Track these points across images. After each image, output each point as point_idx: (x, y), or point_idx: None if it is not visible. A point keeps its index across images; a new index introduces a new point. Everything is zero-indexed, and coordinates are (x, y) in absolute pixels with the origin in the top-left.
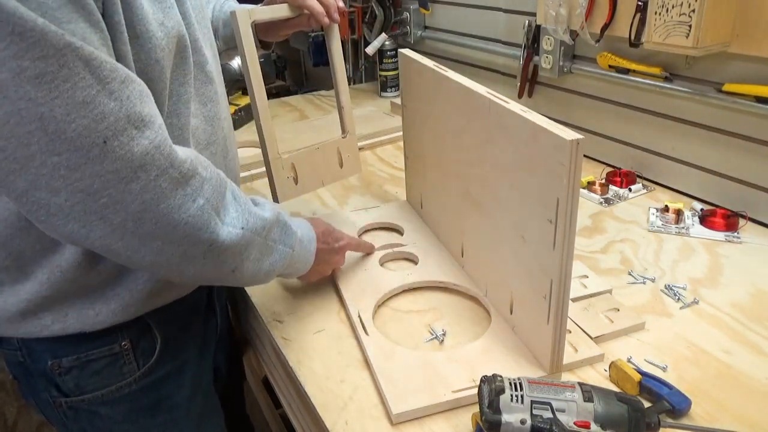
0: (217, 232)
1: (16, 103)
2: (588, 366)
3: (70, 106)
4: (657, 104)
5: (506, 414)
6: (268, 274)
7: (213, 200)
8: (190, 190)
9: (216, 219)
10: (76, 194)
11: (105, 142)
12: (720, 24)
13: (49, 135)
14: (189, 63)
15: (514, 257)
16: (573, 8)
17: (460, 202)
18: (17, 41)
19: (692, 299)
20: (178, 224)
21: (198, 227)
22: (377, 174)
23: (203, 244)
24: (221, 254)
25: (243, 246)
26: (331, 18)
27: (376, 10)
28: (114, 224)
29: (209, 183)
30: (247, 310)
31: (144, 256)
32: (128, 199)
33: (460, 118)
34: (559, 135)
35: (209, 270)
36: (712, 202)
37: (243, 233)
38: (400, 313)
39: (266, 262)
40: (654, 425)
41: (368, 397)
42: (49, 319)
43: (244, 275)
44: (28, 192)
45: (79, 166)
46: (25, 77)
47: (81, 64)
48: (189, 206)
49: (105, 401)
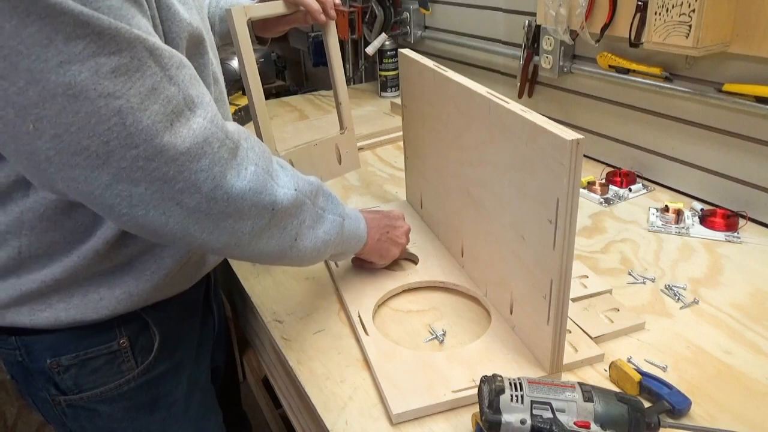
0: (275, 193)
1: (96, 101)
2: (588, 366)
3: (143, 95)
4: (657, 104)
5: (506, 414)
6: (326, 244)
7: (262, 164)
8: (240, 159)
9: (271, 181)
10: (154, 183)
11: (172, 125)
12: (720, 24)
13: (127, 128)
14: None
15: (514, 257)
16: (573, 8)
17: (460, 202)
18: (96, 39)
19: (692, 299)
20: (244, 193)
21: (258, 191)
22: (377, 174)
23: (266, 209)
24: (283, 218)
25: (298, 207)
26: (328, 15)
27: (376, 10)
28: (190, 208)
29: (253, 151)
30: (247, 310)
31: (218, 237)
32: (201, 178)
33: (460, 118)
34: (559, 135)
35: (276, 240)
36: (712, 202)
37: (297, 194)
38: (400, 313)
39: (320, 230)
40: (654, 425)
41: (368, 397)
42: (54, 298)
43: (306, 243)
44: (110, 186)
45: (155, 155)
46: (103, 73)
47: (147, 53)
48: (245, 174)
49: (104, 399)
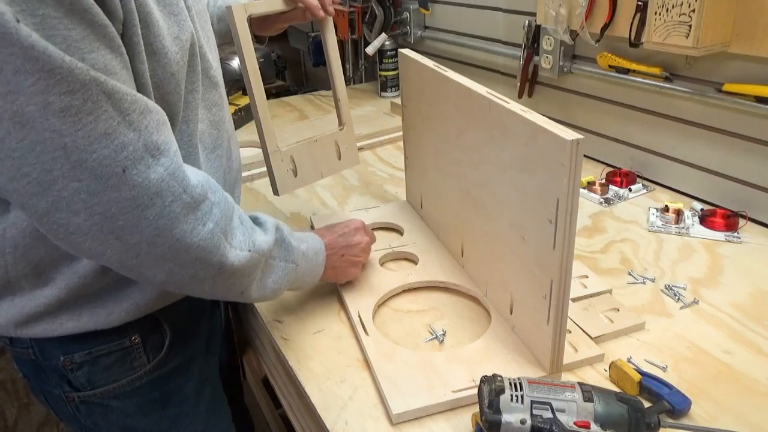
0: (227, 255)
1: (42, 134)
2: (588, 366)
3: (92, 138)
4: (657, 104)
5: (506, 414)
6: (274, 292)
7: (222, 224)
8: (200, 215)
9: (225, 242)
10: (94, 216)
11: (124, 171)
12: (720, 24)
13: (71, 163)
14: (197, 71)
15: (514, 257)
16: (573, 8)
17: (460, 202)
18: (45, 77)
19: (692, 299)
20: (189, 248)
21: (208, 250)
22: (377, 174)
23: (213, 266)
24: (231, 276)
25: (250, 268)
26: (326, 11)
27: (376, 10)
28: (129, 244)
29: (218, 207)
30: (247, 310)
31: (156, 275)
32: (143, 224)
33: (460, 118)
34: (559, 135)
35: (218, 290)
36: (712, 202)
37: (250, 255)
38: (400, 313)
39: (269, 280)
40: (654, 425)
41: (368, 397)
42: (64, 318)
43: (252, 295)
44: (49, 212)
45: (98, 193)
46: (51, 111)
47: (104, 97)
48: (200, 230)
49: (116, 395)
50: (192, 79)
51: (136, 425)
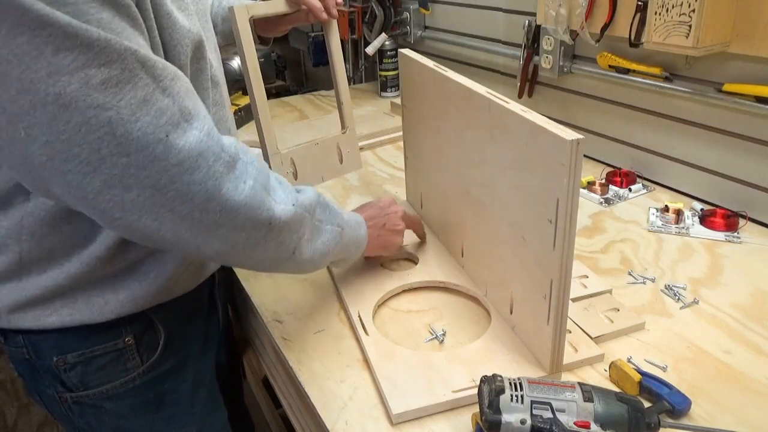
0: (273, 209)
1: (86, 112)
2: (588, 366)
3: (134, 106)
4: (657, 104)
5: (506, 414)
6: (324, 256)
7: (260, 180)
8: (238, 173)
9: (268, 197)
10: (146, 189)
11: (167, 136)
12: (720, 24)
13: (118, 138)
14: (202, 67)
15: (514, 257)
16: (573, 8)
17: (460, 202)
18: (85, 51)
19: (692, 299)
20: (239, 206)
21: (255, 206)
22: (377, 174)
23: (263, 224)
24: (280, 233)
25: (297, 223)
26: (330, 14)
27: (376, 10)
28: (182, 215)
29: (252, 165)
30: (247, 310)
31: (212, 245)
32: (193, 189)
33: (460, 118)
34: (559, 135)
35: (272, 253)
36: (712, 202)
37: (295, 210)
38: (400, 313)
39: (318, 241)
40: (654, 425)
41: (368, 397)
42: (58, 304)
43: (304, 256)
44: (102, 192)
45: (147, 164)
46: (92, 85)
47: (139, 65)
48: (243, 188)
49: (110, 396)
50: (200, 78)
51: (129, 427)
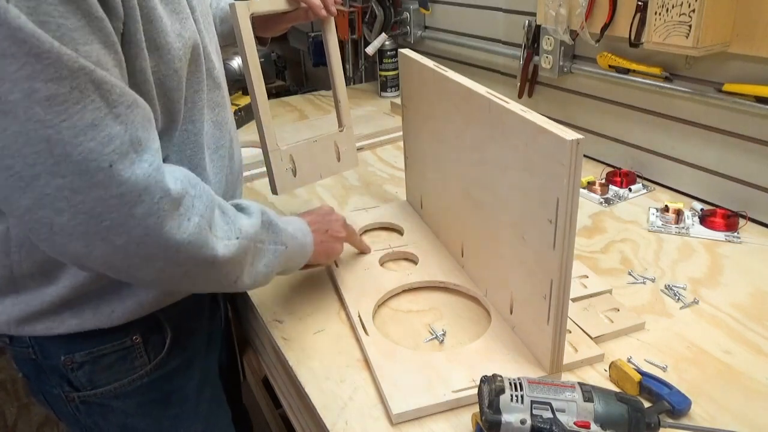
0: (215, 247)
1: (25, 124)
2: (588, 366)
3: (78, 129)
4: (657, 104)
5: (506, 414)
6: (266, 276)
7: (206, 216)
8: (183, 210)
9: (211, 235)
10: (78, 216)
11: (110, 165)
12: (720, 24)
13: (55, 157)
14: (202, 71)
15: (514, 257)
16: (573, 8)
17: (460, 202)
18: (32, 62)
19: (692, 299)
20: (180, 245)
21: (198, 245)
22: (377, 174)
23: (205, 261)
24: (222, 268)
25: (241, 255)
26: (329, 11)
27: (376, 10)
28: (116, 245)
29: (199, 200)
30: (247, 310)
31: (146, 275)
32: (131, 223)
33: (460, 118)
34: (559, 135)
35: (211, 284)
36: (712, 202)
37: (239, 242)
38: (400, 313)
39: (261, 264)
40: (654, 425)
41: (368, 397)
42: (67, 315)
43: (245, 282)
44: (31, 210)
45: (83, 190)
46: (36, 99)
47: (92, 86)
48: (186, 226)
49: (117, 395)
50: (197, 78)
51: (136, 425)
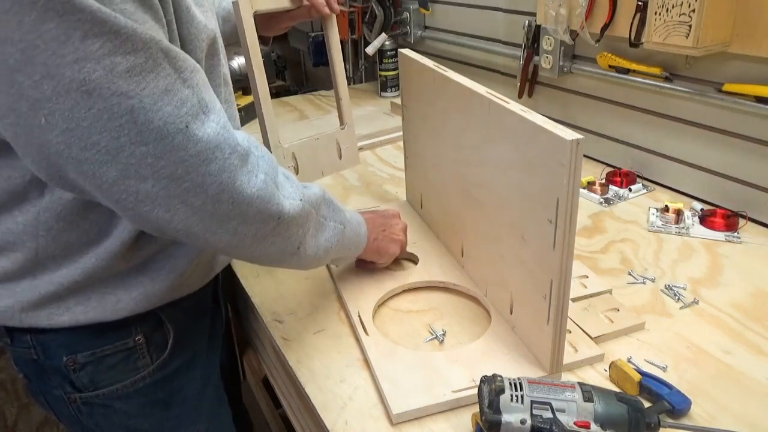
0: (282, 203)
1: (109, 100)
2: (588, 366)
3: (156, 96)
4: (657, 104)
5: (506, 414)
6: (327, 251)
7: (271, 174)
8: (250, 167)
9: (278, 192)
10: (161, 180)
11: (187, 126)
12: (720, 24)
13: (138, 126)
14: (217, 64)
15: (514, 257)
16: (573, 8)
17: (460, 202)
18: (112, 38)
19: (692, 299)
20: (251, 200)
21: (266, 200)
22: (377, 174)
23: (272, 218)
24: (288, 227)
25: (304, 218)
26: (332, 8)
27: (376, 10)
28: (195, 207)
29: (263, 159)
30: (247, 310)
31: (221, 237)
32: (208, 181)
33: (460, 118)
34: (559, 135)
35: (278, 246)
36: (712, 202)
37: (302, 205)
38: (400, 313)
39: (322, 238)
40: (654, 425)
41: (368, 397)
42: (72, 303)
43: (308, 251)
44: (118, 181)
45: (165, 154)
46: (117, 72)
47: (162, 55)
48: (255, 181)
49: (120, 396)
50: (214, 74)
51: (138, 426)
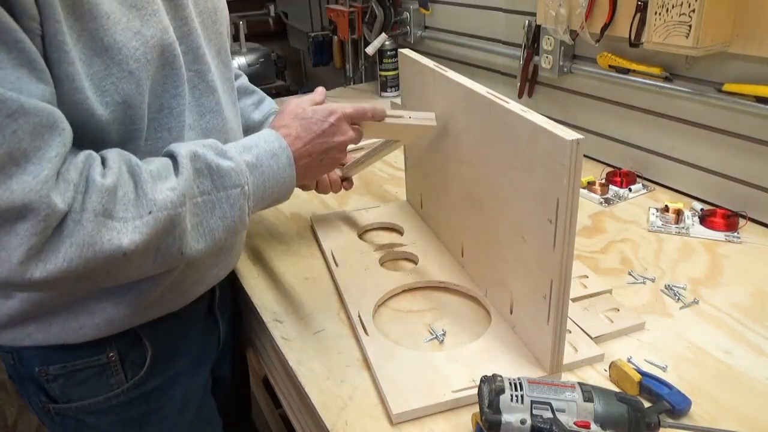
0: (119, 239)
1: None
2: (588, 366)
3: None
4: (657, 104)
5: (506, 414)
6: (230, 227)
7: (99, 206)
8: (74, 215)
9: (110, 223)
10: None
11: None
12: (720, 24)
13: None
14: (180, 73)
15: (514, 257)
16: (573, 8)
17: (460, 202)
18: None
19: (692, 299)
20: (71, 257)
21: (92, 245)
22: (377, 174)
23: (116, 258)
24: (146, 253)
25: (164, 227)
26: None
27: (376, 10)
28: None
29: (94, 190)
30: (248, 310)
31: (75, 286)
32: (15, 242)
33: (460, 118)
34: (559, 135)
35: (149, 269)
36: (712, 202)
37: (154, 218)
38: (400, 313)
39: (213, 218)
40: (654, 425)
41: (368, 397)
42: (32, 328)
43: (196, 247)
44: None
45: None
46: None
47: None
48: (77, 229)
49: (92, 411)
50: (174, 82)
51: None
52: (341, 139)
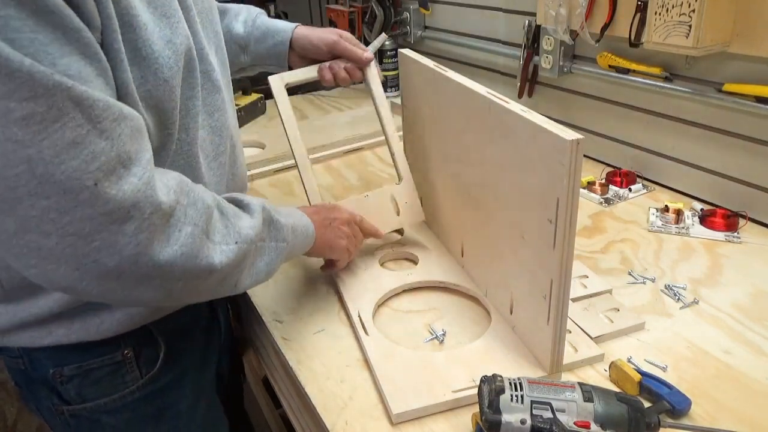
0: (211, 256)
1: (3, 145)
2: (588, 366)
3: (59, 148)
4: (657, 104)
5: (506, 414)
6: (267, 274)
7: (201, 223)
8: (174, 221)
9: (207, 242)
10: (67, 237)
11: (96, 183)
12: (720, 24)
13: (38, 178)
14: (196, 75)
15: (514, 257)
16: (573, 8)
17: (460, 202)
18: (5, 81)
19: (692, 299)
20: (173, 260)
21: (192, 256)
22: (377, 174)
23: (203, 273)
24: (223, 277)
25: (240, 259)
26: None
27: (376, 10)
28: (109, 267)
29: (192, 207)
30: (248, 310)
31: (143, 294)
32: (122, 241)
33: (460, 118)
34: (559, 135)
35: (212, 291)
36: (712, 202)
37: (238, 248)
38: (400, 313)
39: (261, 263)
40: (654, 425)
41: (368, 397)
42: (54, 326)
43: (245, 283)
44: (17, 234)
45: (69, 210)
46: (12, 119)
47: (71, 103)
48: (178, 236)
49: (107, 410)
50: (191, 84)
51: None
52: (338, 215)
